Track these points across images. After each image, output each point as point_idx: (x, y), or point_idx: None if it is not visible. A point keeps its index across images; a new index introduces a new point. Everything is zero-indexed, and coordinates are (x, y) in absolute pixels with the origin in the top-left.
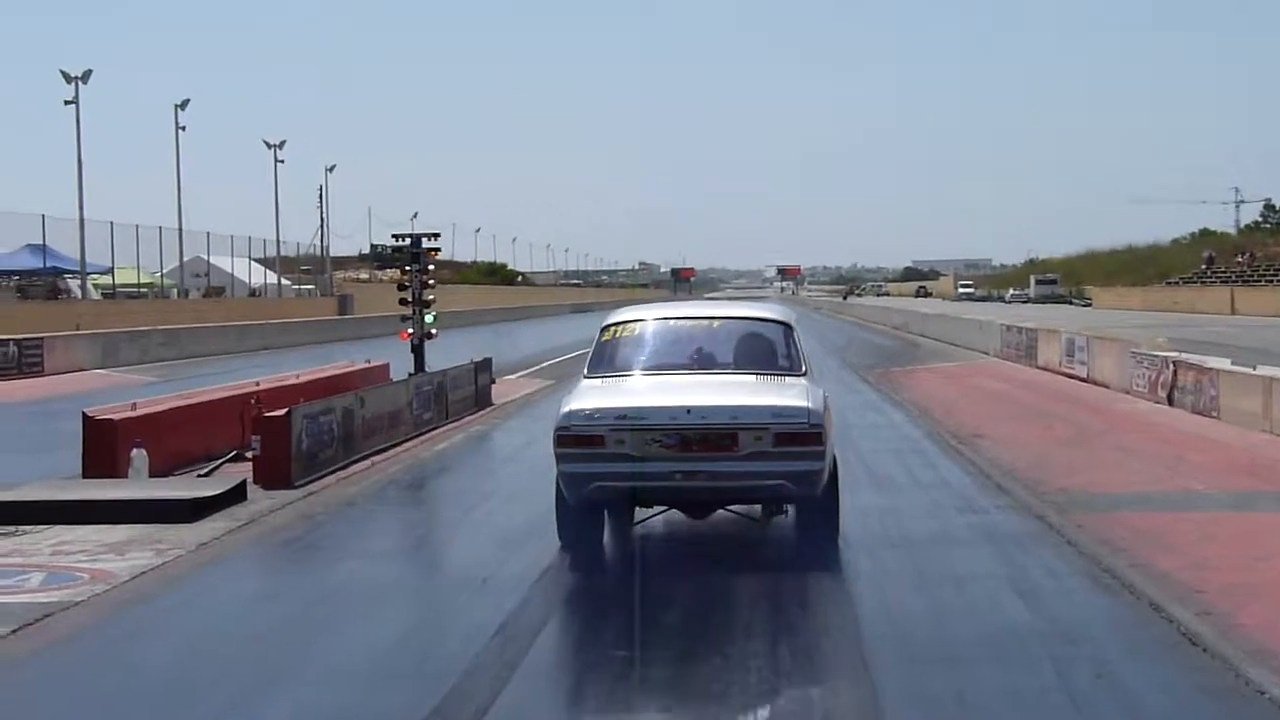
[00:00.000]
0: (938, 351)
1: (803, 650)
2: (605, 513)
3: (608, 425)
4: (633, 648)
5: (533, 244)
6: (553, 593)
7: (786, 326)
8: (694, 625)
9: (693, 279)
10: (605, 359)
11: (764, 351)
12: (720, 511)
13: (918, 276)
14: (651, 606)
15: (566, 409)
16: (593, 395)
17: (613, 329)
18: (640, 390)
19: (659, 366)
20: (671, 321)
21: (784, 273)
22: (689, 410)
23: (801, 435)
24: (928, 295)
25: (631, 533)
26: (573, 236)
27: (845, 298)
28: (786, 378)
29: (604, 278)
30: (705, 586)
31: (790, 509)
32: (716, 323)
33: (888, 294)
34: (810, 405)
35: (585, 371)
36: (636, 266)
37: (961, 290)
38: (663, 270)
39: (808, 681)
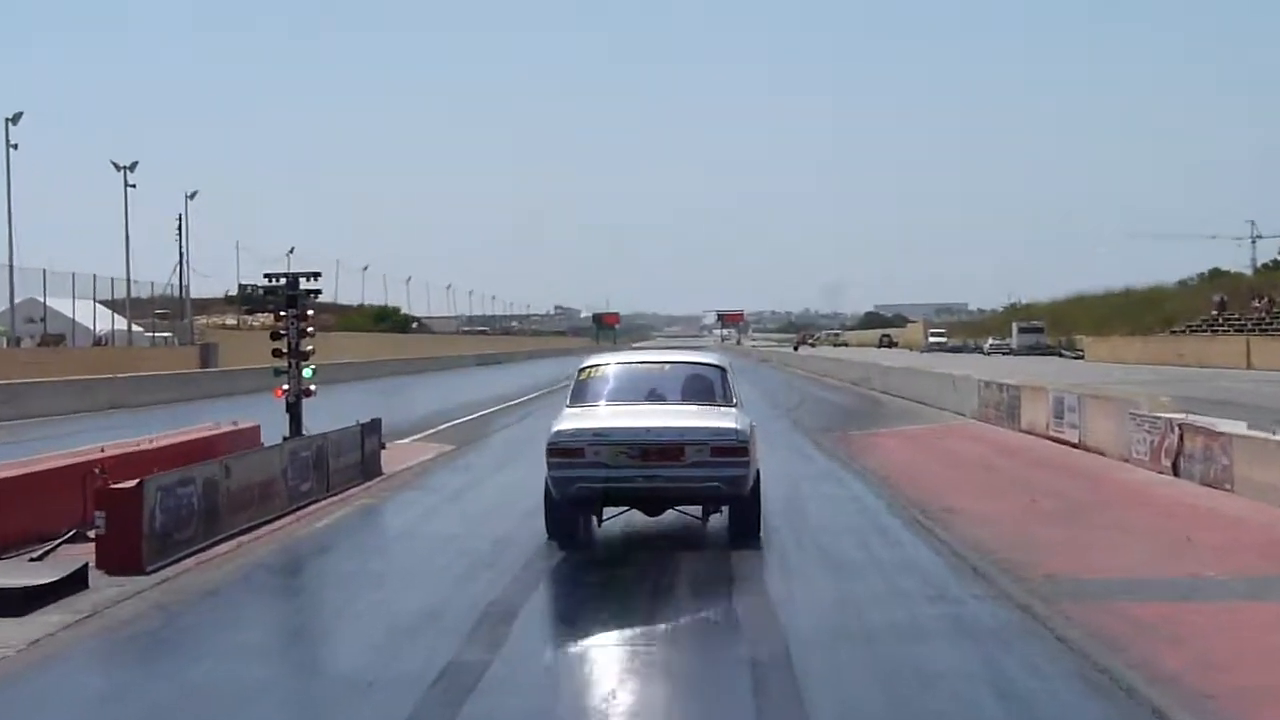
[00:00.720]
0: (904, 411)
1: None
2: (580, 518)
3: (586, 440)
4: None
5: (430, 284)
6: (452, 696)
7: (722, 369)
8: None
9: (618, 326)
10: (582, 393)
11: (704, 388)
12: (670, 519)
13: (881, 323)
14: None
15: (556, 429)
16: (574, 419)
17: (587, 370)
18: (610, 415)
19: (623, 399)
20: (631, 365)
21: (725, 319)
22: (648, 430)
23: (732, 449)
24: (892, 345)
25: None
26: (478, 277)
27: (796, 348)
28: (721, 408)
29: (514, 324)
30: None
31: (724, 510)
32: (667, 366)
33: (846, 344)
34: (739, 427)
35: (567, 402)
36: (553, 311)
37: (932, 339)
38: (584, 315)
39: None
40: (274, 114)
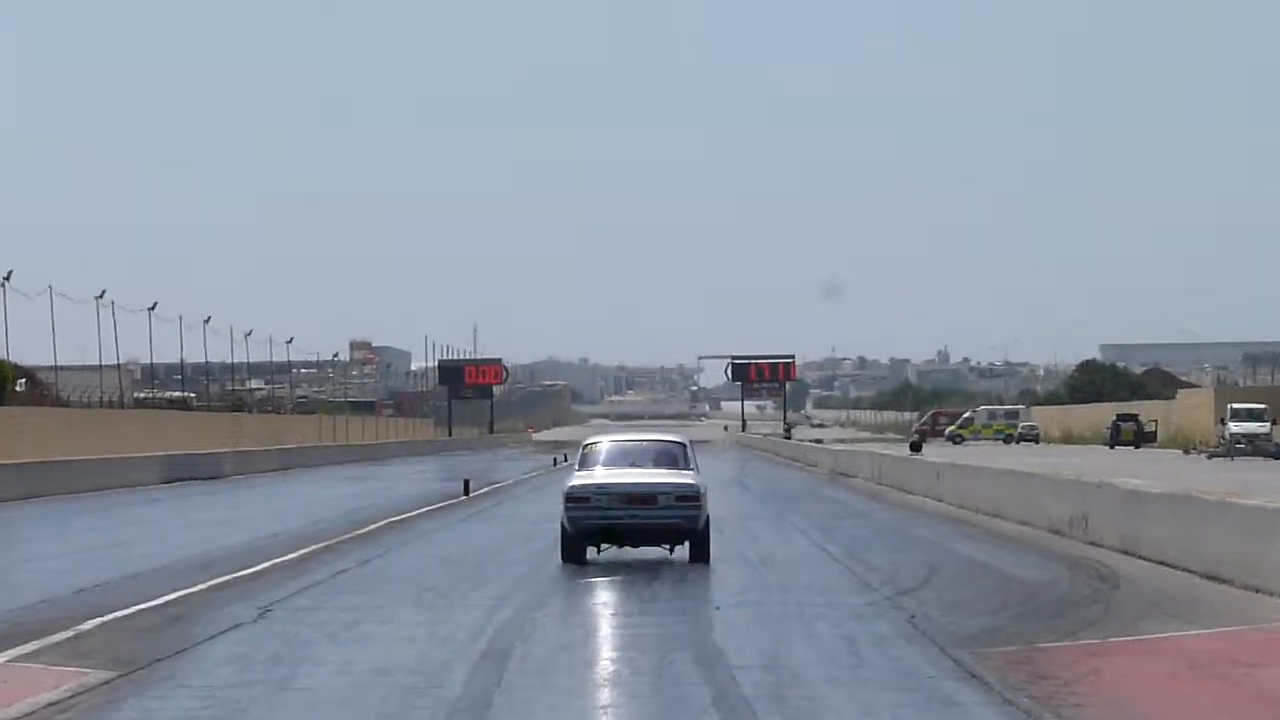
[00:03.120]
0: (1166, 595)
1: None
2: (585, 547)
3: (591, 491)
4: None
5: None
6: None
7: (684, 444)
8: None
9: (500, 386)
10: (586, 461)
11: (671, 458)
12: (646, 550)
13: (1109, 385)
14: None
15: (570, 485)
16: (582, 478)
17: (589, 447)
18: (607, 475)
19: (614, 465)
20: (620, 442)
21: (748, 373)
22: (634, 484)
23: (690, 497)
24: (1139, 439)
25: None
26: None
27: (915, 449)
28: (684, 471)
29: (258, 388)
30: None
31: (682, 547)
32: (645, 443)
33: (1034, 433)
34: (695, 483)
35: (577, 467)
36: (349, 357)
37: (1236, 428)
38: (416, 369)
39: None
40: None
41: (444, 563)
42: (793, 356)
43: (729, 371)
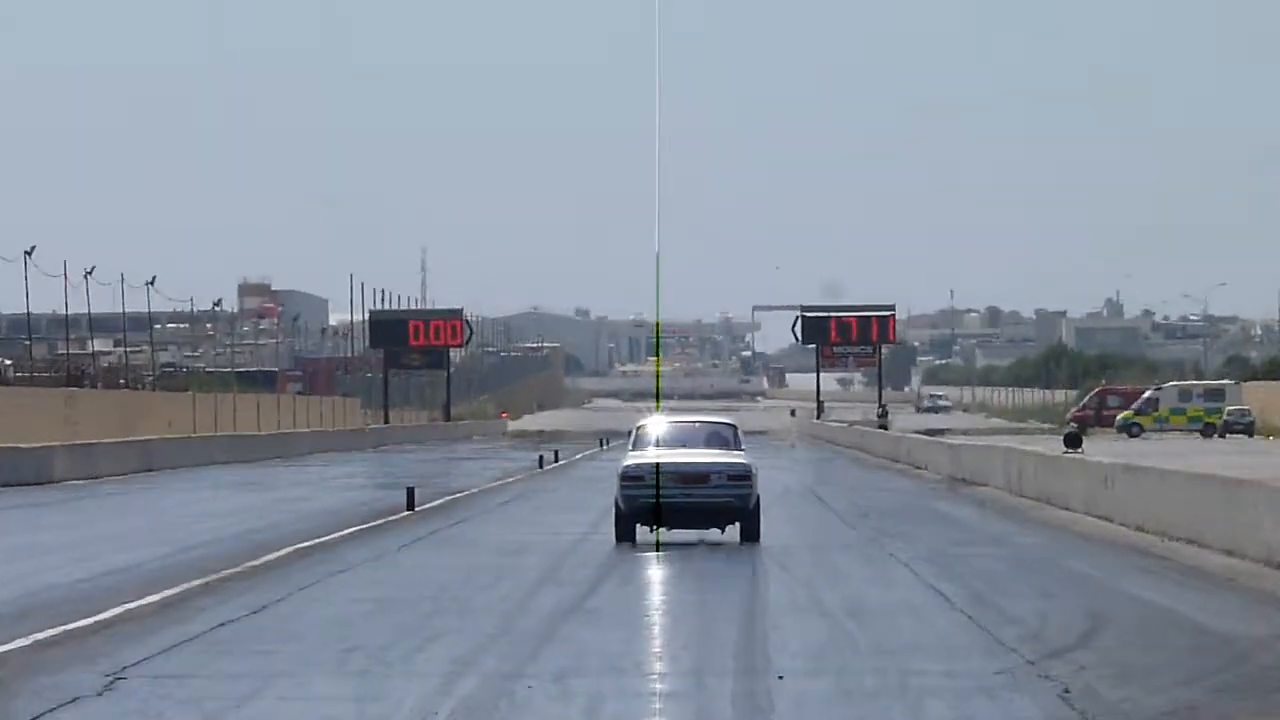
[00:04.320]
0: None
1: None
2: (637, 526)
3: (646, 470)
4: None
5: None
6: None
7: (733, 426)
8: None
9: (460, 350)
10: (640, 442)
11: (723, 439)
12: (701, 537)
13: None
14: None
15: (626, 464)
16: (637, 457)
17: (642, 429)
18: (661, 455)
19: (667, 446)
20: (673, 424)
21: (829, 332)
22: (688, 464)
23: (741, 476)
24: None
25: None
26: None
27: (1073, 444)
28: (734, 451)
29: (104, 352)
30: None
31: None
32: (697, 424)
33: (1244, 421)
34: (746, 463)
35: (630, 448)
36: (237, 307)
37: None
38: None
39: None
40: None
41: (378, 610)
42: (892, 307)
43: (797, 329)
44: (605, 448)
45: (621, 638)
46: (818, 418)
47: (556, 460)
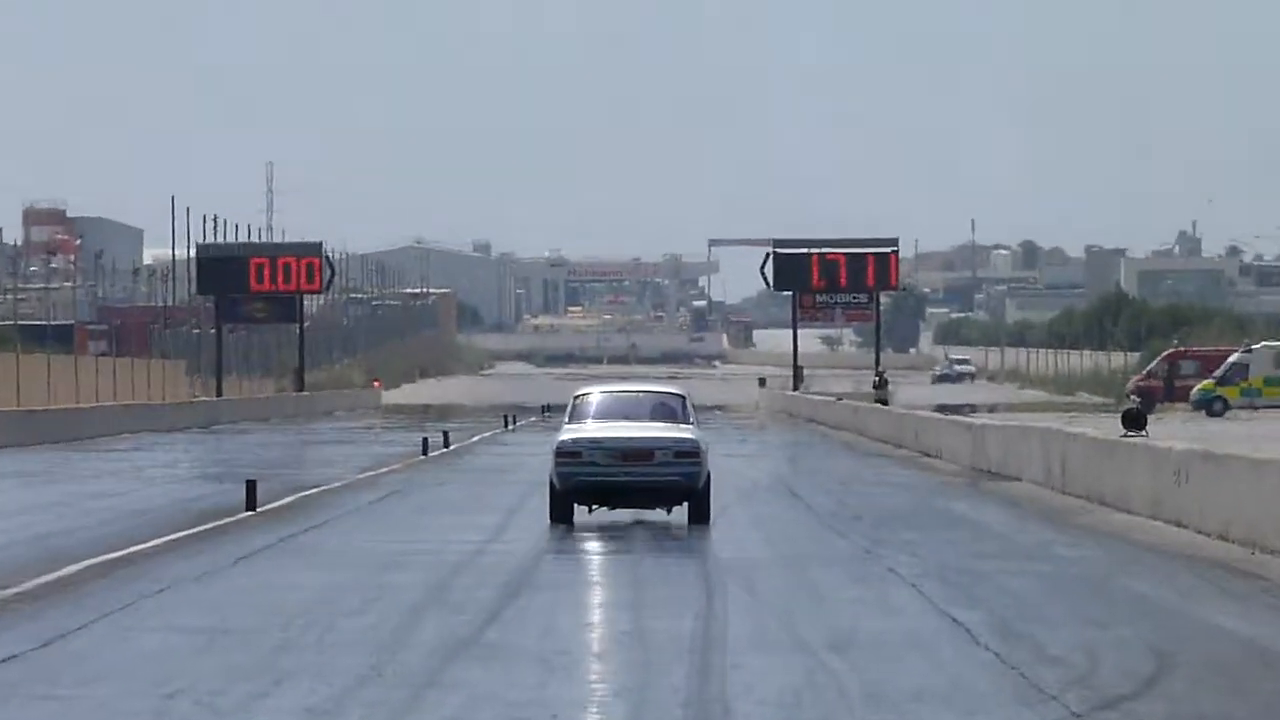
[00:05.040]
0: None
1: None
2: (574, 505)
3: (584, 446)
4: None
5: None
6: None
7: (682, 396)
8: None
9: (319, 296)
10: (576, 413)
11: (670, 411)
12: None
13: None
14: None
15: (560, 439)
16: (573, 431)
17: (580, 398)
18: (600, 428)
19: (607, 418)
20: (612, 393)
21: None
22: (629, 438)
23: (689, 453)
24: None
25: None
26: None
27: (1134, 423)
28: (683, 425)
29: None
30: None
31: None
32: (641, 394)
33: None
34: (695, 438)
35: (566, 420)
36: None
37: None
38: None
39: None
40: None
41: (209, 643)
42: (895, 242)
43: (768, 270)
44: (512, 428)
45: (532, 682)
46: (795, 388)
47: (447, 444)
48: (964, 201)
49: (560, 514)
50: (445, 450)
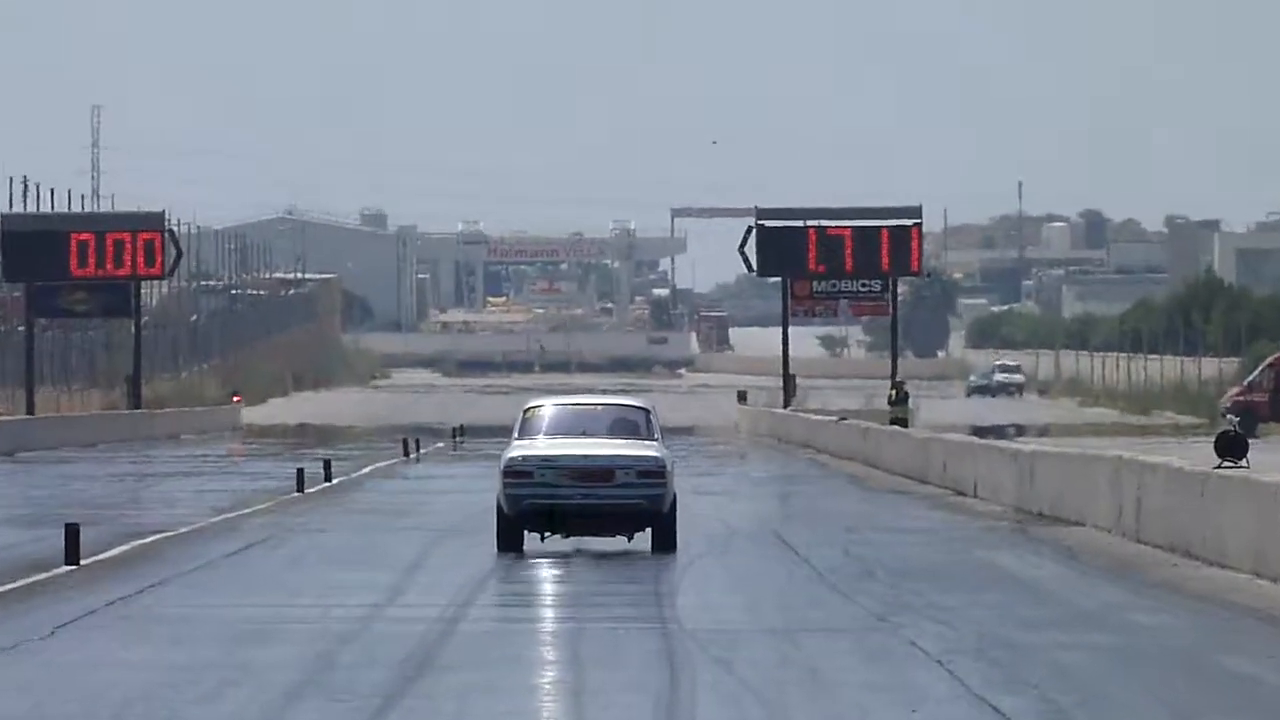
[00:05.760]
0: None
1: None
2: (524, 531)
3: (534, 465)
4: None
5: None
6: None
7: (645, 410)
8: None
9: (163, 283)
10: (527, 428)
11: (631, 426)
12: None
13: None
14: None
15: (509, 456)
16: (523, 448)
17: (531, 411)
18: (553, 445)
19: (562, 434)
20: (568, 406)
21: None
22: (586, 456)
23: (653, 472)
24: None
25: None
26: None
27: (1231, 450)
28: (647, 441)
29: None
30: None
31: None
32: (599, 407)
33: None
34: (660, 455)
35: (515, 435)
36: None
37: None
38: None
39: None
40: None
41: None
42: (918, 211)
43: (750, 249)
44: (415, 456)
45: None
46: (786, 405)
47: (328, 477)
48: (1008, 161)
49: (508, 542)
50: (327, 485)
